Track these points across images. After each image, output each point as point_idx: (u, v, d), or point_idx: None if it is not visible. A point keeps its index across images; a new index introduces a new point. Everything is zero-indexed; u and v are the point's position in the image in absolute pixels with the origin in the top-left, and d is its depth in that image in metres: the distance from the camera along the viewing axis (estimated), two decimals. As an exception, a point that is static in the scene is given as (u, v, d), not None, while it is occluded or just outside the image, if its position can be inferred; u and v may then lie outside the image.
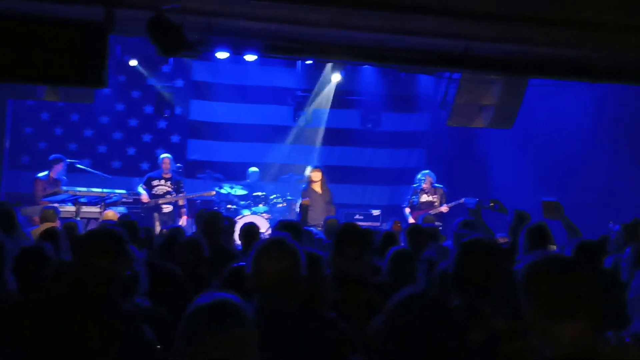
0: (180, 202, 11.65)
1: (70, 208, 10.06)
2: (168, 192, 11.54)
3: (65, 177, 10.90)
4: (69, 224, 7.09)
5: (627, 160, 10.82)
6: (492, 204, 7.97)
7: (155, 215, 11.35)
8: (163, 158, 11.69)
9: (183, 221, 11.43)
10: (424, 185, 11.57)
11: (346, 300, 3.72)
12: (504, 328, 2.91)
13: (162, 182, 11.57)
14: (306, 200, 9.75)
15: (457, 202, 11.28)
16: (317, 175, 11.46)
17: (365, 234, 4.22)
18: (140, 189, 11.45)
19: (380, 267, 5.02)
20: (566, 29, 7.55)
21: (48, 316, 3.01)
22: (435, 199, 11.57)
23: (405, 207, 11.72)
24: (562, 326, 2.31)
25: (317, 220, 10.26)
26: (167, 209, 11.53)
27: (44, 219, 7.94)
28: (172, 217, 11.52)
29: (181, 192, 11.63)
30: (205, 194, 11.91)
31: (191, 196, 11.82)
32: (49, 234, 5.48)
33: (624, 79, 9.01)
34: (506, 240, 6.95)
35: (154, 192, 11.49)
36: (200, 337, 2.19)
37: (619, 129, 11.08)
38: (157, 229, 10.65)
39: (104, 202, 10.26)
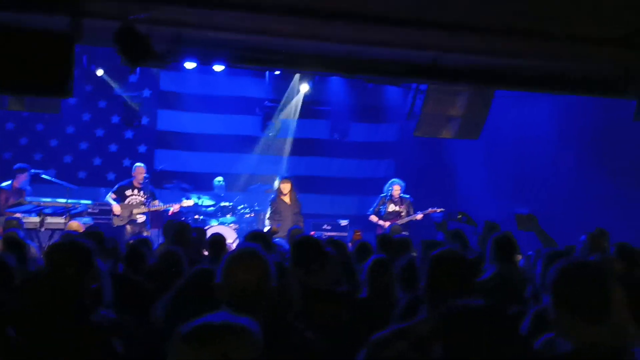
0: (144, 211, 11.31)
1: (34, 219, 9.93)
2: (142, 203, 11.23)
3: (29, 187, 10.75)
4: (8, 234, 6.80)
5: (591, 169, 10.99)
6: (459, 217, 8.04)
7: (128, 226, 11.08)
8: (137, 167, 11.39)
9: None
10: (393, 194, 11.61)
11: (309, 311, 3.72)
12: None
13: (135, 191, 11.26)
14: (275, 228, 9.73)
15: (433, 209, 11.31)
16: (286, 187, 11.44)
17: (321, 245, 4.23)
18: (110, 199, 11.17)
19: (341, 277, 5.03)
20: (532, 40, 7.64)
21: (19, 327, 2.97)
22: (402, 209, 11.61)
23: (370, 214, 11.72)
24: (586, 326, 2.49)
25: (285, 232, 10.23)
26: (140, 219, 11.20)
27: (5, 230, 7.81)
28: (145, 228, 11.21)
29: (155, 201, 11.29)
30: (184, 203, 11.52)
31: (169, 206, 11.34)
32: (12, 245, 5.40)
33: (588, 90, 9.15)
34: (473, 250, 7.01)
35: (127, 202, 11.19)
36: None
37: (583, 139, 11.26)
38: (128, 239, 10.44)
39: (69, 212, 10.13)
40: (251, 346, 2.03)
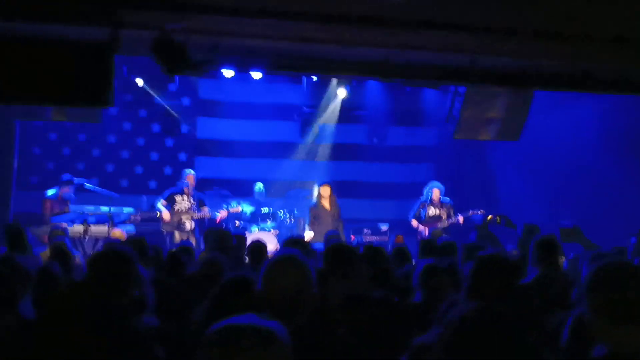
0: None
1: (78, 227, 10.09)
2: (190, 209, 11.17)
3: (73, 196, 10.92)
4: (56, 243, 6.92)
5: (634, 171, 10.80)
6: (498, 219, 7.98)
7: (176, 233, 11.03)
8: (187, 174, 11.34)
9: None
10: (433, 197, 11.51)
11: (344, 318, 3.72)
12: None
13: (185, 198, 11.18)
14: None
15: (474, 211, 11.18)
16: (326, 191, 11.43)
17: (352, 251, 4.23)
18: (160, 206, 11.10)
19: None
20: (570, 42, 7.55)
21: (60, 337, 3.02)
22: (442, 213, 11.50)
23: (411, 219, 11.64)
24: (621, 330, 2.44)
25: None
26: (188, 225, 11.11)
27: (52, 239, 7.95)
28: (193, 235, 11.11)
29: (204, 208, 11.23)
30: (232, 210, 11.53)
31: (216, 212, 11.36)
32: (58, 254, 5.50)
33: (629, 89, 9.00)
34: (516, 252, 6.93)
35: (175, 208, 11.13)
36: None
37: (625, 140, 11.06)
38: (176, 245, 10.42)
39: (112, 220, 10.27)
40: (277, 350, 2.00)
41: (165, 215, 10.98)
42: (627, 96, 9.76)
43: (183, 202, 11.17)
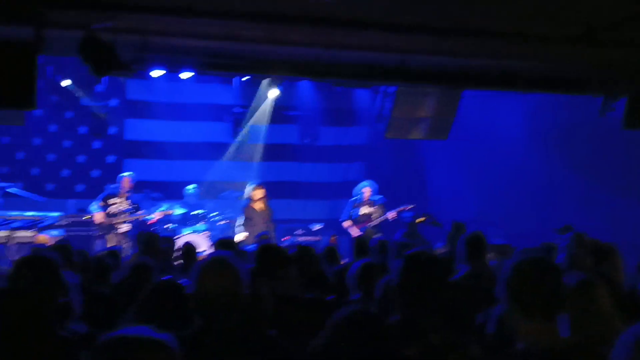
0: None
1: (2, 233, 9.79)
2: (124, 211, 10.97)
3: (-3, 200, 10.61)
4: None
5: (559, 167, 11.11)
6: (423, 218, 8.07)
7: (110, 236, 10.81)
8: (123, 177, 11.18)
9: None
10: (364, 197, 11.58)
11: (280, 319, 3.70)
12: (439, 342, 2.94)
13: (120, 200, 11.00)
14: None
15: (405, 207, 11.27)
16: (259, 193, 11.39)
17: (284, 252, 4.23)
18: (94, 207, 10.88)
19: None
20: (498, 40, 7.71)
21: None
22: (374, 211, 11.58)
23: (343, 220, 11.67)
24: (534, 325, 2.50)
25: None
26: (122, 228, 10.92)
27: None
28: (128, 238, 10.84)
29: (139, 212, 11.08)
30: (166, 212, 11.37)
31: (138, 217, 11.10)
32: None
33: (554, 88, 9.24)
34: (443, 249, 7.02)
35: (109, 210, 10.92)
36: None
37: (551, 136, 11.37)
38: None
39: (38, 226, 10.00)
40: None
41: (97, 216, 10.76)
42: (552, 95, 10.02)
43: (118, 205, 10.97)
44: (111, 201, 10.98)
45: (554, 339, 2.49)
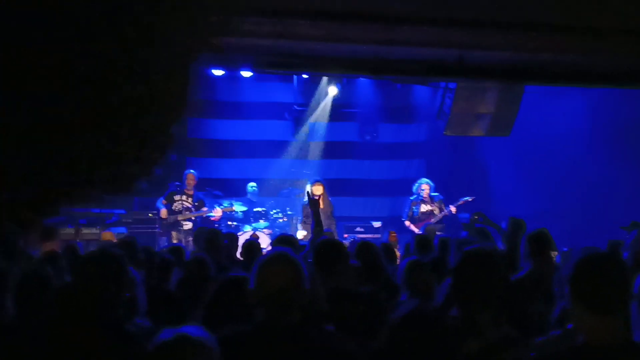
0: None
1: (69, 230, 10.05)
2: (187, 208, 11.20)
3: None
4: (70, 245, 7.08)
5: (623, 163, 10.84)
6: (475, 217, 7.92)
7: (173, 233, 11.04)
8: (187, 173, 11.40)
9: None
10: (423, 194, 11.51)
11: (335, 314, 3.72)
12: (499, 338, 2.92)
13: (184, 197, 11.24)
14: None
15: (465, 199, 11.17)
16: (318, 189, 11.40)
17: (342, 247, 4.23)
18: (160, 204, 11.14)
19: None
20: (560, 35, 7.57)
21: (51, 339, 3.01)
22: (434, 208, 11.50)
23: (405, 219, 11.61)
24: (599, 320, 2.47)
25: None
26: (186, 226, 11.13)
27: (44, 238, 7.91)
28: (191, 235, 10.96)
29: (201, 209, 11.26)
30: (226, 209, 11.51)
31: (200, 214, 11.28)
32: (49, 256, 5.47)
33: (618, 83, 9.03)
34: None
35: (173, 207, 11.16)
36: None
37: (613, 133, 11.10)
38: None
39: (103, 222, 10.23)
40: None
41: (163, 212, 10.98)
42: (614, 89, 9.78)
43: (182, 202, 11.16)
44: (176, 198, 11.18)
45: (616, 336, 2.46)
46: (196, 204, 11.25)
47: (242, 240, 7.81)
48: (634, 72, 8.78)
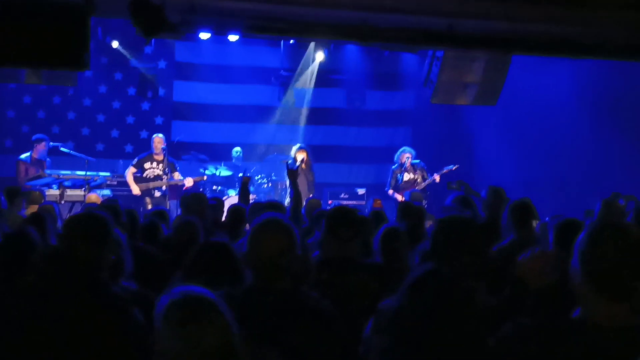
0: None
1: (54, 191, 10.03)
2: (159, 176, 11.18)
3: (48, 159, 10.84)
4: (45, 207, 7.08)
5: (609, 134, 10.91)
6: (456, 186, 7.96)
7: (147, 199, 11.08)
8: (154, 137, 11.33)
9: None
10: (405, 162, 11.54)
11: (335, 283, 3.74)
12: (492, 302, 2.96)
13: (154, 164, 11.20)
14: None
15: (449, 167, 11.24)
16: (301, 155, 11.43)
17: (358, 216, 4.20)
18: (129, 174, 11.14)
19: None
20: (548, 5, 7.55)
21: (38, 300, 3.03)
22: (417, 176, 11.55)
23: (388, 189, 11.67)
24: (608, 303, 2.26)
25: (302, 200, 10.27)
26: (158, 192, 11.19)
27: (30, 202, 7.91)
28: (165, 199, 11.12)
29: (175, 174, 11.21)
30: (197, 179, 11.44)
31: (173, 182, 11.19)
32: (33, 218, 5.46)
33: (606, 54, 9.03)
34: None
35: (145, 175, 11.16)
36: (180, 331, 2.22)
37: (601, 103, 11.16)
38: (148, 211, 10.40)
39: (88, 184, 10.21)
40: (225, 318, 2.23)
41: (133, 188, 11.05)
42: (603, 61, 9.80)
43: (152, 169, 11.14)
44: (146, 166, 11.19)
45: (628, 319, 2.25)
46: (167, 169, 11.19)
47: (227, 205, 7.84)
48: (624, 44, 8.78)
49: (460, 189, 8.13)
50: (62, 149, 11.04)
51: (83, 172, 10.36)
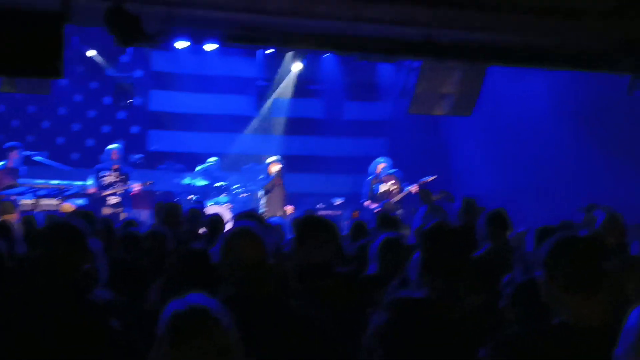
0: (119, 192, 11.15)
1: (28, 201, 9.92)
2: (111, 184, 11.10)
3: (24, 167, 10.73)
4: (27, 217, 7.01)
5: (586, 144, 11.00)
6: (438, 196, 8.02)
7: (103, 209, 10.78)
8: (110, 150, 11.31)
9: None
10: (380, 173, 11.56)
11: (309, 289, 3.72)
12: (479, 301, 2.97)
13: (109, 172, 11.15)
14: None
15: (425, 179, 11.26)
16: (275, 167, 11.50)
17: (327, 222, 4.19)
18: (90, 181, 11.08)
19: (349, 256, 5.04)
20: (526, 15, 7.62)
21: (13, 308, 2.99)
22: (392, 186, 11.55)
23: (364, 201, 11.66)
24: (577, 301, 2.47)
25: (276, 211, 10.37)
26: (112, 200, 11.06)
27: (1, 212, 7.82)
28: (121, 209, 11.05)
29: (126, 184, 11.19)
30: (144, 184, 11.35)
31: (131, 187, 11.18)
32: (1, 228, 5.40)
33: (580, 65, 9.13)
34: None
35: (100, 183, 11.08)
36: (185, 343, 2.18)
37: (578, 113, 11.25)
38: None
39: (63, 194, 10.12)
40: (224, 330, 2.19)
41: (90, 190, 10.95)
42: (580, 72, 9.89)
43: (105, 177, 11.08)
44: (100, 174, 11.13)
45: (595, 317, 2.46)
46: (122, 177, 11.16)
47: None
48: (598, 54, 8.87)
49: (447, 199, 8.18)
50: (34, 158, 10.91)
51: (57, 182, 10.25)
